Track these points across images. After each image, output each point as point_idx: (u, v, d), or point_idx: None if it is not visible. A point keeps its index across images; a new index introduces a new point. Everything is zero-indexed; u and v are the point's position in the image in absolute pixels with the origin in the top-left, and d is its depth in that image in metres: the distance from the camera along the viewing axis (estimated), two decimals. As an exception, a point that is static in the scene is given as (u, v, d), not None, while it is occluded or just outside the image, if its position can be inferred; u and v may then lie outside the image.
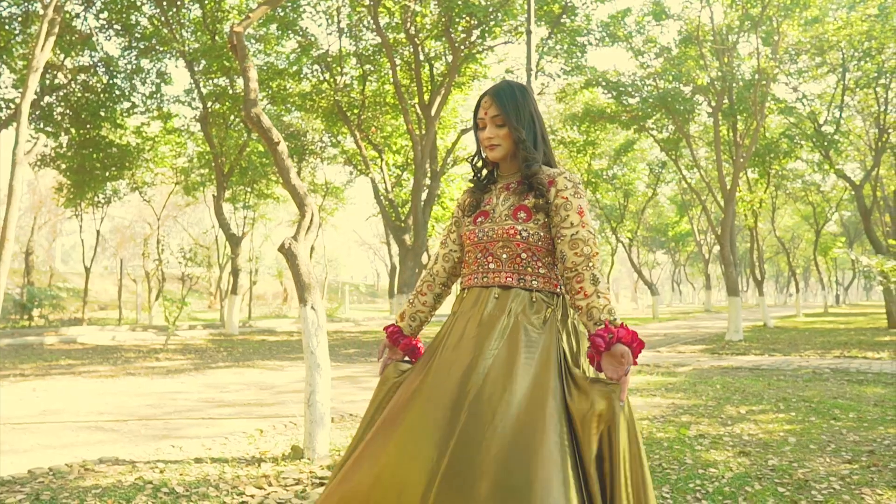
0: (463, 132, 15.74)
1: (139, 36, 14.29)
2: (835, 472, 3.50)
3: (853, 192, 17.21)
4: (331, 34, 14.65)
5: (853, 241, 32.85)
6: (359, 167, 17.98)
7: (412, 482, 1.54)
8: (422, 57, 13.48)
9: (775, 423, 4.82)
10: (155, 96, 15.48)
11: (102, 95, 14.84)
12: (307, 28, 15.93)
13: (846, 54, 15.03)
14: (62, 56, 13.65)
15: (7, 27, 12.70)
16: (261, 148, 17.24)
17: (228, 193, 18.98)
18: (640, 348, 1.64)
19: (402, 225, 13.83)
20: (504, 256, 1.84)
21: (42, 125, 14.60)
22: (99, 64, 14.55)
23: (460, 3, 11.22)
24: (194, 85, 15.11)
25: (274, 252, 34.51)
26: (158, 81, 15.27)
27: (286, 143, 4.69)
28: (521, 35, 12.74)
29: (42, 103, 14.02)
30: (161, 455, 3.99)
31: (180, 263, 20.13)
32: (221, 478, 3.47)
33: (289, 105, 16.17)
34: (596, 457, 1.58)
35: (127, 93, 15.08)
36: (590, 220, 1.81)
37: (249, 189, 20.06)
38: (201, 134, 16.95)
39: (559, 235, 1.80)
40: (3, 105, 13.65)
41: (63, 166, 16.06)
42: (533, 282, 1.82)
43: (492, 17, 12.09)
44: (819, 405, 5.53)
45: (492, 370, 1.66)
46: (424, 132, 13.21)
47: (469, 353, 1.72)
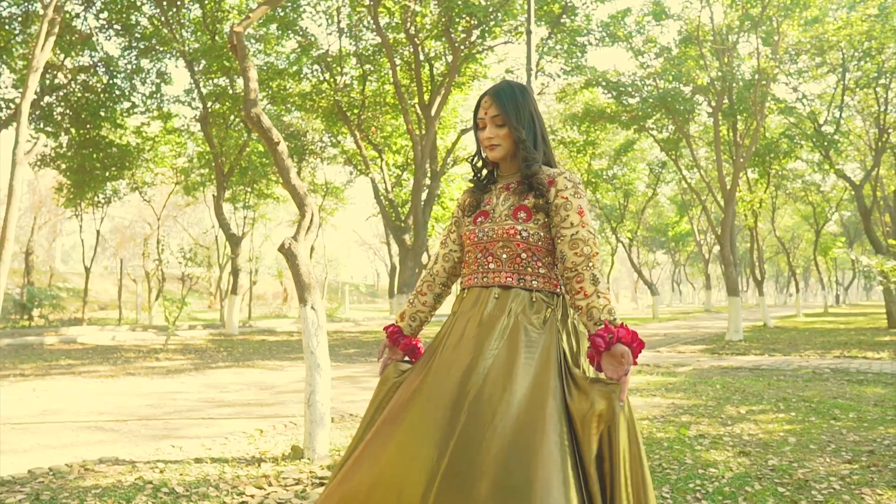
0: (463, 132, 15.74)
1: (139, 36, 14.29)
2: (835, 472, 3.50)
3: (853, 192, 17.21)
4: (331, 34, 14.66)
5: (853, 241, 32.84)
6: (359, 167, 17.99)
7: (412, 482, 1.54)
8: (422, 57, 13.48)
9: (775, 423, 4.82)
10: (155, 96, 15.49)
11: (102, 95, 14.85)
12: (307, 28, 15.93)
13: (846, 54, 15.03)
14: (62, 56, 13.65)
15: (7, 27, 12.70)
16: (261, 148, 17.24)
17: (228, 193, 18.98)
18: (640, 348, 1.64)
19: (402, 225, 13.83)
20: (504, 256, 1.83)
21: (42, 125, 14.61)
22: (99, 64, 14.56)
23: (460, 3, 11.22)
24: (194, 85, 15.12)
25: (274, 252, 34.52)
26: (158, 81, 15.28)
27: (286, 143, 4.69)
28: (521, 35, 12.74)
29: (42, 103, 14.03)
30: (161, 455, 3.99)
31: (180, 263, 20.15)
32: (221, 478, 3.47)
33: (289, 105, 16.18)
34: (596, 457, 1.58)
35: (127, 93, 15.09)
36: (590, 220, 1.81)
37: (249, 189, 20.07)
38: (201, 134, 16.95)
39: (559, 235, 1.80)
40: (3, 105, 13.66)
41: (63, 166, 16.06)
42: (533, 282, 1.81)
43: (492, 17, 12.09)
44: (819, 405, 5.53)
45: (492, 370, 1.66)
46: (424, 132, 13.21)
47: (469, 353, 1.72)
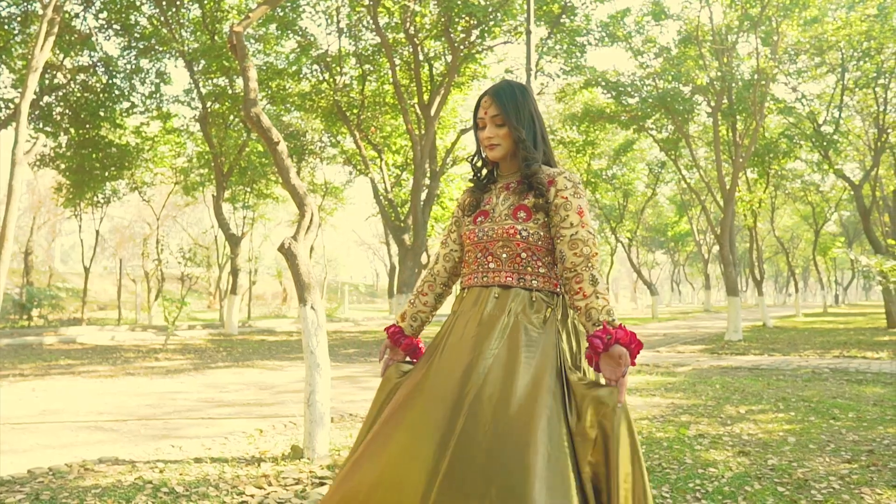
0: (462, 132, 15.73)
1: (138, 36, 14.29)
2: (834, 472, 3.50)
3: (852, 192, 17.22)
4: (330, 34, 14.66)
5: (852, 241, 32.86)
6: (358, 167, 17.98)
7: (413, 482, 1.54)
8: (421, 57, 13.47)
9: (775, 423, 4.82)
10: (154, 96, 15.48)
11: (102, 95, 14.84)
12: (306, 28, 15.92)
13: (845, 54, 15.04)
14: (61, 56, 13.64)
15: (6, 27, 12.69)
16: (260, 148, 17.24)
17: (228, 193, 18.97)
18: (639, 349, 1.64)
19: (402, 225, 13.82)
20: (504, 256, 1.84)
21: (41, 125, 14.59)
22: (98, 64, 14.55)
23: (460, 3, 11.21)
24: (194, 85, 15.11)
25: (273, 252, 34.52)
26: (158, 81, 15.28)
27: (285, 143, 4.69)
28: (521, 35, 12.74)
29: (41, 103, 14.02)
30: (161, 455, 3.99)
31: (180, 263, 20.14)
32: (221, 477, 3.47)
33: (288, 105, 16.17)
34: (595, 458, 1.58)
35: (126, 93, 15.08)
36: (589, 221, 1.81)
37: (249, 189, 20.06)
38: (201, 134, 16.94)
39: (558, 235, 1.80)
40: (3, 105, 13.64)
41: (62, 166, 16.05)
42: (533, 281, 1.82)
43: (491, 17, 12.08)
44: (818, 405, 5.53)
45: (492, 370, 1.67)
46: (424, 132, 13.20)
47: (469, 353, 1.72)
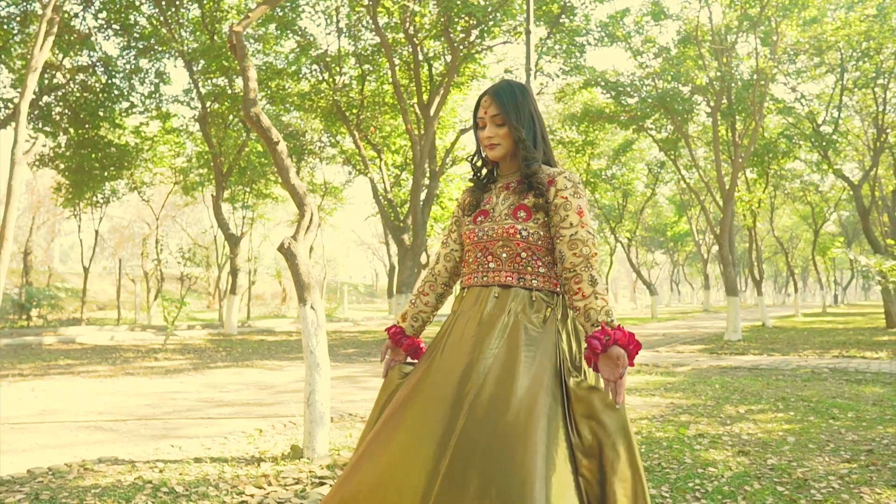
0: (462, 132, 15.73)
1: (138, 36, 14.28)
2: (834, 472, 3.51)
3: (851, 192, 17.23)
4: (330, 34, 14.66)
5: (851, 241, 32.89)
6: (357, 167, 17.98)
7: (413, 482, 1.55)
8: (421, 57, 13.47)
9: (774, 423, 4.82)
10: (154, 96, 15.48)
11: (101, 95, 14.84)
12: (306, 28, 15.90)
13: (844, 54, 15.05)
14: (61, 56, 13.63)
15: (5, 27, 12.68)
16: (260, 148, 17.23)
17: (227, 193, 18.97)
18: (637, 350, 1.64)
19: (401, 225, 13.83)
20: (504, 256, 1.84)
21: (41, 125, 14.59)
22: (98, 64, 14.54)
23: (459, 3, 11.21)
24: (193, 85, 15.10)
25: (273, 252, 34.52)
26: (157, 81, 15.27)
27: (285, 143, 4.69)
28: (520, 35, 12.75)
29: (41, 103, 14.01)
30: (160, 455, 3.99)
31: (179, 263, 20.14)
32: (221, 477, 3.47)
33: (287, 105, 16.17)
34: (594, 459, 1.59)
35: (126, 92, 15.08)
36: (589, 221, 1.81)
37: (248, 189, 20.06)
38: (200, 134, 16.94)
39: (558, 235, 1.80)
40: (2, 105, 13.64)
41: (62, 166, 16.04)
42: (533, 281, 1.82)
43: (491, 17, 12.08)
44: (818, 405, 5.54)
45: (492, 370, 1.67)
46: (423, 132, 13.20)
47: (469, 353, 1.72)
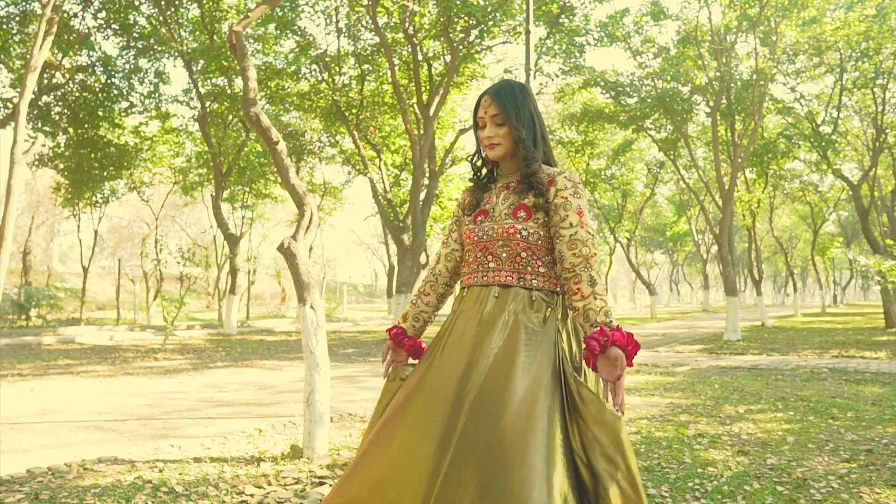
0: (461, 132, 15.73)
1: (137, 35, 14.28)
2: (833, 471, 3.51)
3: (851, 192, 17.25)
4: (329, 34, 14.69)
5: (851, 241, 32.91)
6: (357, 167, 17.98)
7: (414, 482, 1.55)
8: (420, 57, 13.47)
9: (774, 423, 4.83)
10: (153, 96, 15.48)
11: (100, 95, 14.83)
12: (306, 28, 15.92)
13: (844, 54, 15.06)
14: (60, 55, 13.63)
15: (5, 26, 12.68)
16: (259, 147, 17.23)
17: (227, 193, 18.97)
18: (635, 351, 1.64)
19: (401, 225, 13.83)
20: (504, 255, 1.84)
21: (40, 125, 14.58)
22: (97, 63, 14.54)
23: (459, 3, 11.21)
24: (192, 85, 15.10)
25: (272, 252, 34.53)
26: (157, 81, 15.27)
27: (285, 143, 4.69)
28: (520, 35, 12.75)
29: (40, 103, 14.00)
30: (160, 454, 3.99)
31: (178, 263, 20.15)
32: (221, 477, 3.47)
33: (287, 105, 16.17)
34: (592, 459, 1.59)
35: (125, 92, 15.07)
36: (589, 221, 1.81)
37: (248, 189, 20.06)
38: (199, 134, 16.93)
39: (558, 235, 1.80)
40: (1, 104, 13.64)
41: (61, 166, 16.04)
42: (533, 281, 1.82)
43: (490, 17, 12.08)
44: (817, 404, 5.54)
45: (492, 369, 1.67)
46: (423, 132, 13.21)
47: (469, 353, 1.72)
